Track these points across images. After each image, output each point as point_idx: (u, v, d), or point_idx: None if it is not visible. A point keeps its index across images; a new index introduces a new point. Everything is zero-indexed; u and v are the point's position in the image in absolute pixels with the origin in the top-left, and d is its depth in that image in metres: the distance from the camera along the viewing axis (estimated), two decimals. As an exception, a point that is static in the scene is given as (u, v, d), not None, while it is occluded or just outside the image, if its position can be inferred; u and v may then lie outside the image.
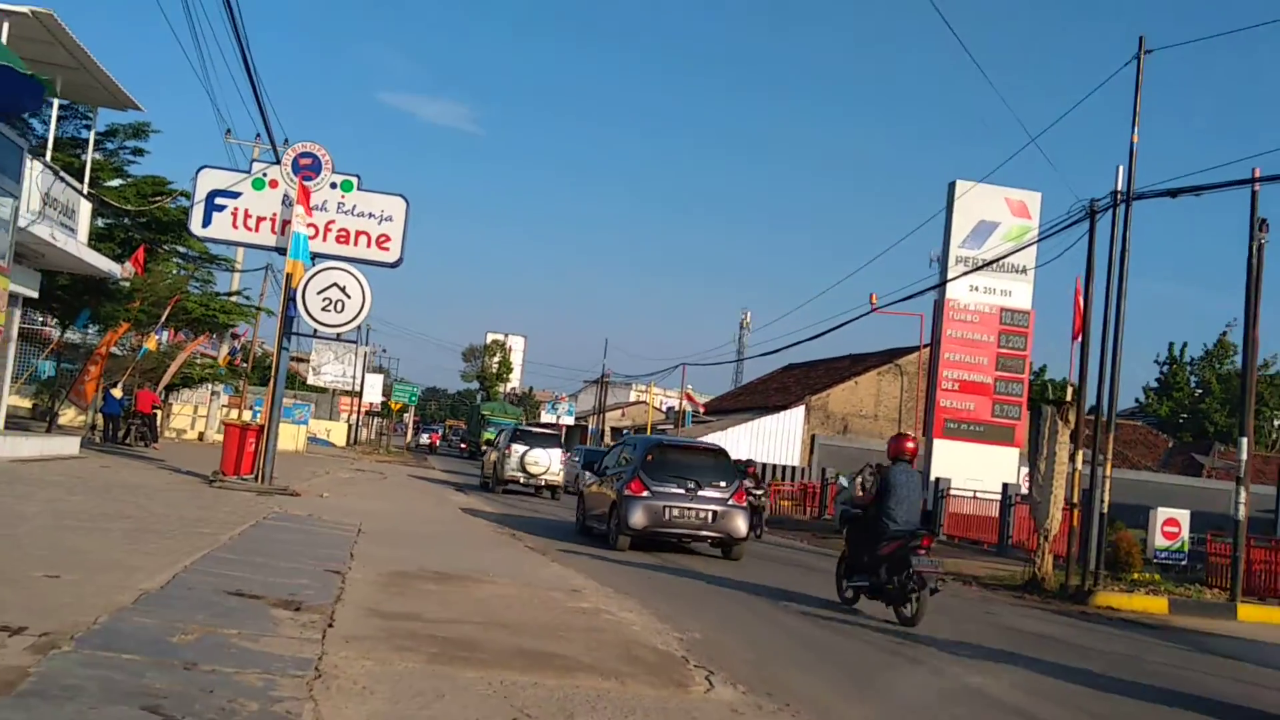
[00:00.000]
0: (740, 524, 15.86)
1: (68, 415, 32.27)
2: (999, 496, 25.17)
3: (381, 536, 12.87)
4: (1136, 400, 73.41)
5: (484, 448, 45.92)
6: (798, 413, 48.35)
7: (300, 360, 70.81)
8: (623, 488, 15.57)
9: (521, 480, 28.10)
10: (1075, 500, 18.17)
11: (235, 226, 18.31)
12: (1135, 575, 18.87)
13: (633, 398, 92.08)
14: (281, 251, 18.21)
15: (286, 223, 18.09)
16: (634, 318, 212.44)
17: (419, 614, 7.61)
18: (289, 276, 17.85)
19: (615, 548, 15.42)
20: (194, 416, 41.53)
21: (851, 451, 47.13)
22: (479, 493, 27.38)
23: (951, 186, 27.46)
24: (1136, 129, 17.40)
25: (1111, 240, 17.42)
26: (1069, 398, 18.14)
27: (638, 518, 15.27)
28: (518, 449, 28.17)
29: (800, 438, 47.83)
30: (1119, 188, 17.36)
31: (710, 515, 15.57)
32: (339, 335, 18.47)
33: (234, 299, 36.14)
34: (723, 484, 15.90)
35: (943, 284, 26.91)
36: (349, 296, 17.79)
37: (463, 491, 26.73)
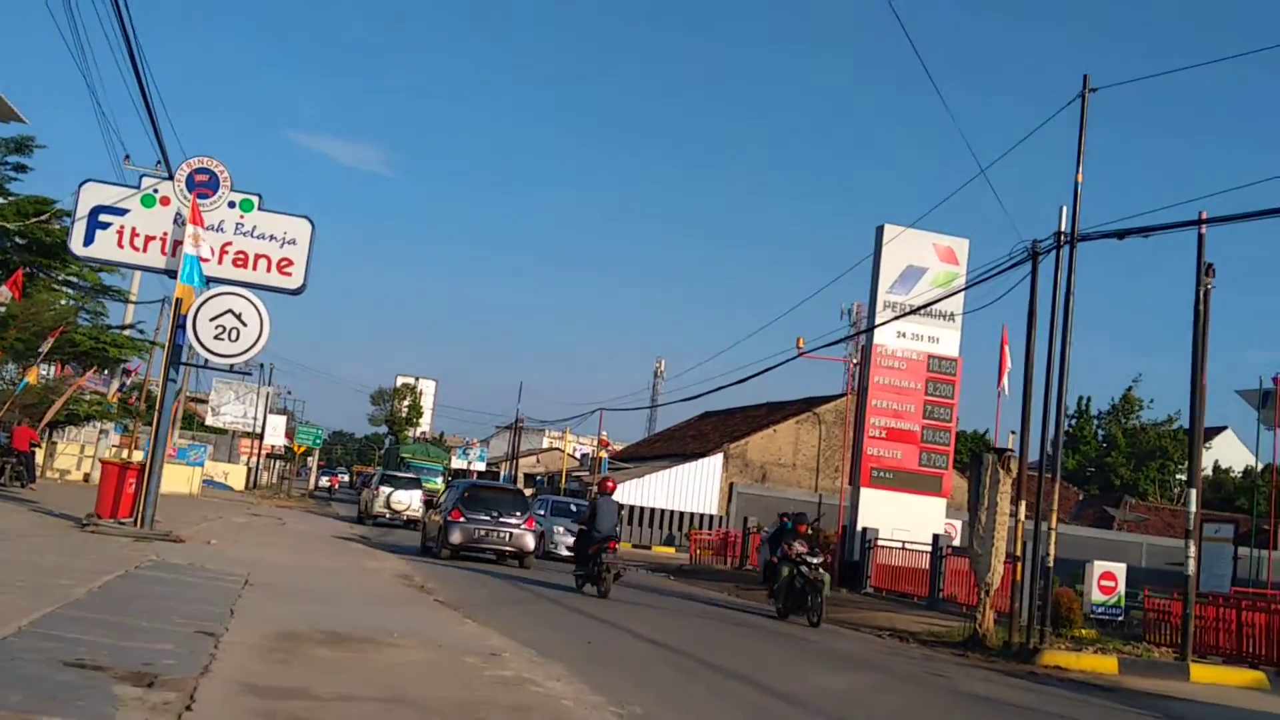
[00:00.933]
0: (529, 542, 21.56)
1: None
2: (929, 547, 24.37)
3: (271, 589, 11.41)
4: (1046, 453, 73.80)
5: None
6: (715, 460, 47.42)
7: (199, 400, 68.01)
8: (446, 515, 21.53)
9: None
10: (1018, 553, 17.39)
11: (121, 246, 16.73)
12: (1077, 632, 18.10)
13: (545, 444, 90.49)
14: (172, 275, 16.65)
15: (178, 244, 16.56)
16: (547, 364, 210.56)
17: (305, 689, 6.27)
18: (178, 302, 16.31)
19: (438, 558, 21.00)
20: (80, 456, 39.07)
21: (770, 500, 46.25)
22: (384, 546, 25.73)
23: (880, 230, 26.88)
24: (1081, 169, 16.85)
25: (1055, 283, 16.75)
26: (1010, 445, 17.42)
27: (455, 536, 21.07)
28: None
29: (719, 485, 46.85)
30: (1062, 228, 16.76)
31: (509, 535, 21.36)
32: (232, 367, 16.92)
33: (127, 332, 34.09)
34: (518, 514, 21.82)
35: (870, 329, 26.25)
36: (245, 325, 16.32)
37: (366, 542, 25.08)
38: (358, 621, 9.67)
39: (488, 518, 21.24)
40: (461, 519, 21.12)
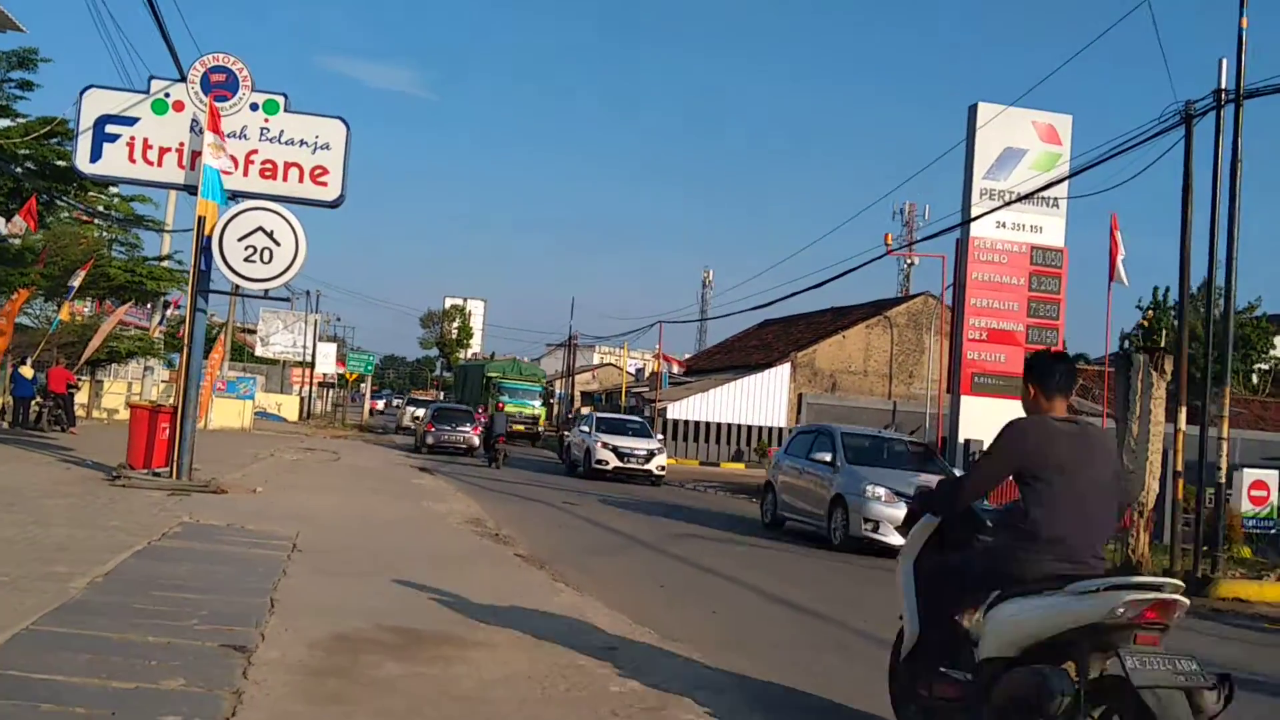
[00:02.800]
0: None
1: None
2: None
3: (323, 556, 9.48)
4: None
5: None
6: (783, 370, 45.11)
7: (249, 331, 66.75)
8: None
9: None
10: (1179, 467, 15.20)
11: (132, 160, 14.65)
12: (1237, 551, 15.95)
13: (596, 359, 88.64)
14: (192, 190, 14.60)
15: (196, 154, 14.49)
16: (595, 281, 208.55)
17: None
18: (201, 221, 14.27)
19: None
20: (126, 395, 37.67)
21: (841, 410, 44.00)
22: (447, 477, 23.93)
23: (973, 110, 24.15)
24: (1245, 11, 14.20)
25: (1217, 149, 14.24)
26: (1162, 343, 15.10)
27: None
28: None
29: (786, 396, 44.66)
30: (1223, 84, 14.17)
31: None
32: (267, 292, 14.94)
33: (164, 264, 32.25)
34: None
35: (966, 222, 23.67)
36: (278, 244, 14.25)
37: (427, 475, 23.28)
38: (431, 604, 7.68)
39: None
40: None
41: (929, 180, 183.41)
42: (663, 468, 26.63)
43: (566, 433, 33.30)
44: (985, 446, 4.52)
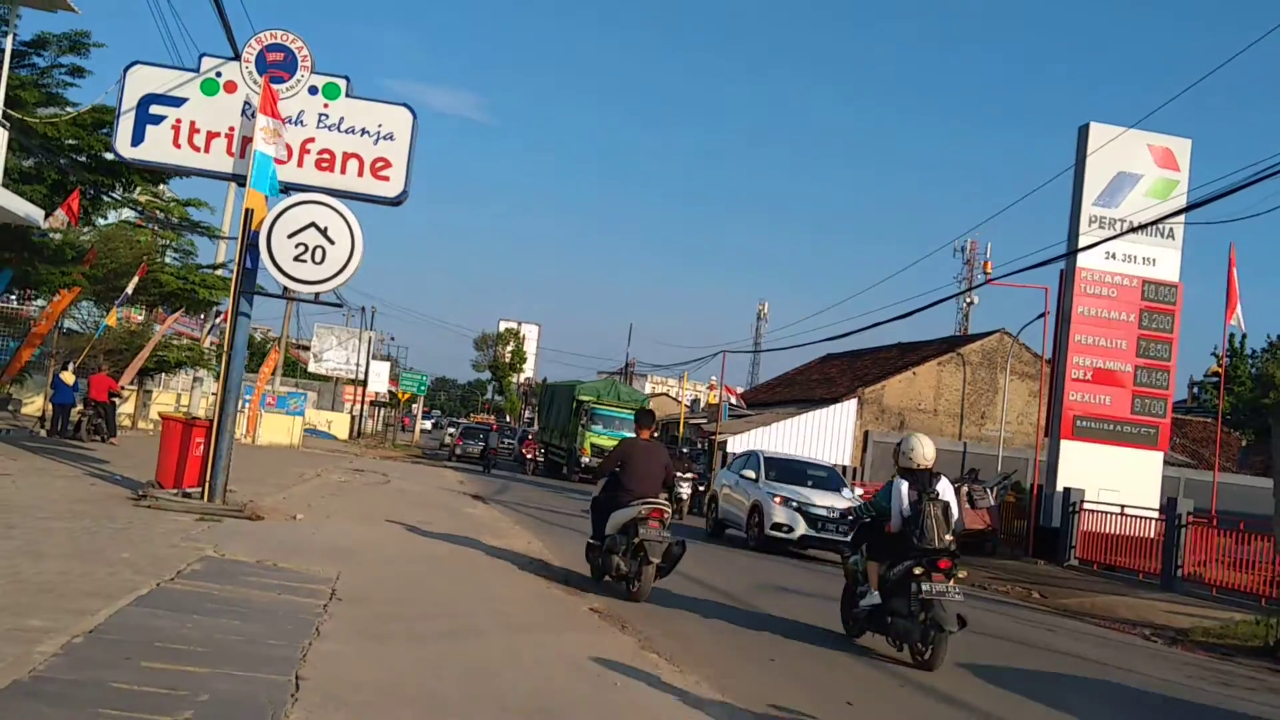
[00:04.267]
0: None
1: (35, 403, 27.48)
2: (1155, 512, 20.15)
3: (367, 608, 7.85)
4: (1194, 396, 68.65)
5: (586, 459, 36.06)
6: (849, 406, 43.11)
7: (303, 348, 65.98)
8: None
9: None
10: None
11: (178, 144, 13.22)
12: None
13: (648, 388, 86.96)
14: (240, 180, 13.16)
15: (248, 140, 13.06)
16: (647, 309, 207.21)
17: None
18: (248, 214, 12.80)
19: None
20: (176, 405, 36.58)
21: (910, 450, 42.05)
22: (503, 507, 22.28)
23: (1083, 132, 22.34)
24: None
25: None
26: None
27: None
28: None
29: (852, 433, 42.67)
30: None
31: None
32: (318, 296, 13.38)
33: (218, 272, 31.12)
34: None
35: (1073, 251, 21.78)
36: (332, 242, 12.75)
37: (481, 503, 21.69)
38: (508, 699, 6.02)
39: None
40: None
41: (999, 218, 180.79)
42: None
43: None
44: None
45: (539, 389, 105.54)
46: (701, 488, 25.00)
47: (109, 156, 19.25)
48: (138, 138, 13.23)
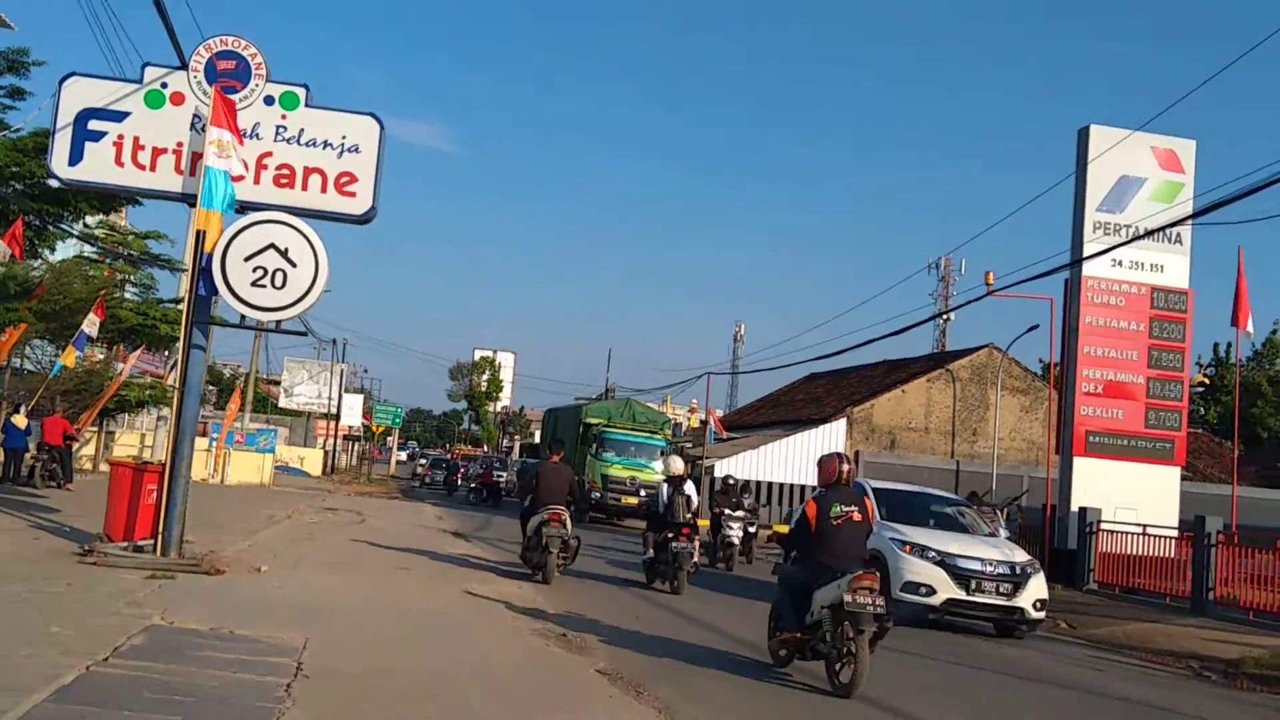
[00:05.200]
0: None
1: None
2: (1174, 531, 19.12)
3: (338, 690, 6.62)
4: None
5: (596, 494, 29.61)
6: (838, 426, 42.04)
7: (273, 382, 64.42)
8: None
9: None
10: None
11: (120, 163, 12.02)
12: None
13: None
14: (191, 201, 11.94)
15: (198, 156, 11.86)
16: (624, 334, 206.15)
17: None
18: (200, 236, 11.59)
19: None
20: (140, 446, 35.06)
21: (901, 469, 40.87)
22: (484, 543, 20.98)
23: (1083, 135, 21.44)
24: None
25: None
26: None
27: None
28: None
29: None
30: None
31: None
32: (279, 324, 12.19)
33: (180, 306, 29.71)
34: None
35: (1078, 261, 20.78)
36: (294, 264, 11.55)
37: (462, 540, 20.40)
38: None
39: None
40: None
41: (968, 234, 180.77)
42: (1043, 601, 13.53)
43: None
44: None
45: (516, 418, 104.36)
46: (752, 528, 20.06)
47: (55, 183, 17.95)
48: (76, 156, 12.02)
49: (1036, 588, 13.24)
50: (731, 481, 20.36)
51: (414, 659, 8.02)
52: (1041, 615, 13.54)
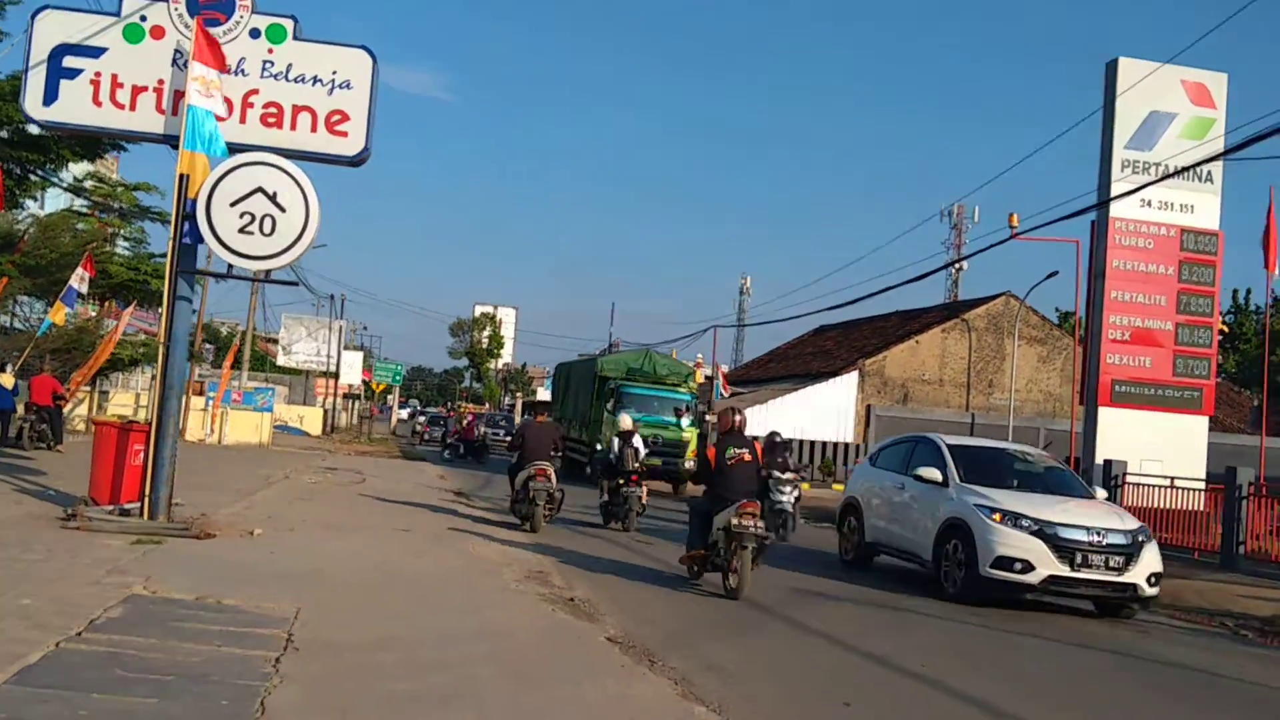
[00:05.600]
0: None
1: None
2: (1200, 484, 18.50)
3: (333, 662, 6.01)
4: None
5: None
6: (849, 380, 41.28)
7: (271, 340, 63.70)
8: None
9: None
10: None
11: (97, 102, 11.20)
12: None
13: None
14: (174, 143, 11.16)
15: (180, 95, 11.07)
16: (627, 288, 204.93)
17: None
18: (183, 179, 10.84)
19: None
20: (135, 406, 34.41)
21: (915, 423, 40.18)
22: (490, 504, 20.37)
23: (1112, 68, 20.51)
24: None
25: None
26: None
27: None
28: None
29: (854, 408, 40.82)
30: None
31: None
32: (269, 273, 11.46)
33: (173, 260, 28.91)
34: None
35: (1105, 201, 19.97)
36: (283, 209, 10.79)
37: (464, 502, 19.79)
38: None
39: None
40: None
41: (981, 182, 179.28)
42: (1158, 576, 11.62)
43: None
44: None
45: (519, 375, 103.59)
46: (796, 493, 17.57)
47: (35, 130, 17.18)
48: (50, 96, 11.20)
49: (1150, 560, 11.39)
50: (778, 439, 17.83)
51: (415, 627, 7.39)
52: (1156, 591, 11.63)
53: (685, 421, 27.62)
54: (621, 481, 16.16)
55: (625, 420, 17.40)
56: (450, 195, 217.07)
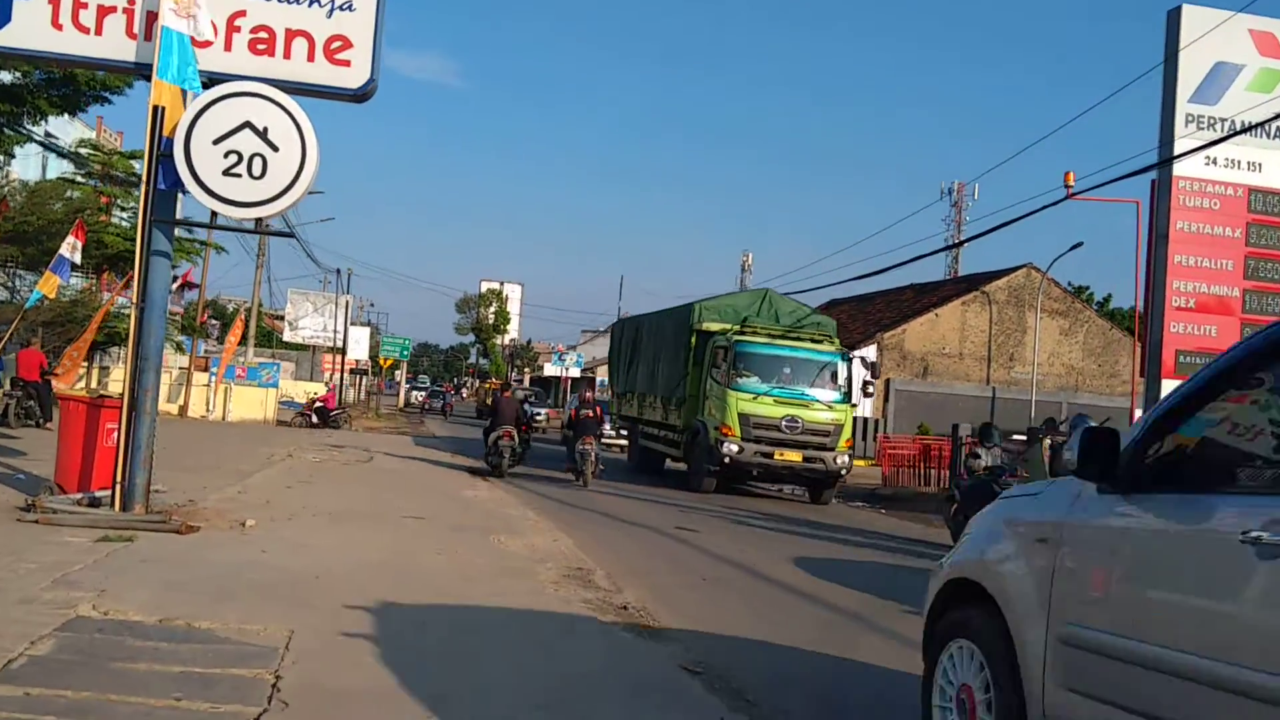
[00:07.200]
0: None
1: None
2: None
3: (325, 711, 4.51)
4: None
5: (732, 444, 18.57)
6: (866, 353, 39.74)
7: (277, 317, 62.19)
8: None
9: None
10: None
11: (57, 25, 9.63)
12: None
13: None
14: (145, 72, 9.62)
15: (153, 16, 9.53)
16: (633, 264, 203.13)
17: None
18: (157, 113, 9.32)
19: None
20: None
21: (935, 397, 38.90)
22: (506, 482, 18.92)
23: (1174, 17, 18.81)
24: None
25: None
26: None
27: None
28: None
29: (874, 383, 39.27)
30: None
31: None
32: (259, 222, 9.92)
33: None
34: None
35: (1168, 160, 18.34)
36: (275, 148, 9.26)
37: (478, 477, 18.35)
38: None
39: None
40: None
41: (987, 158, 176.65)
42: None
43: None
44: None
45: (525, 351, 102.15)
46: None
47: (5, 78, 15.60)
48: (3, 16, 9.63)
49: None
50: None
51: (440, 655, 5.88)
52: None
53: (834, 396, 19.58)
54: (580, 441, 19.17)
55: (585, 393, 17.93)
56: (457, 172, 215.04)
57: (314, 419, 32.86)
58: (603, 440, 21.19)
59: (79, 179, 25.57)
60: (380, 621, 6.35)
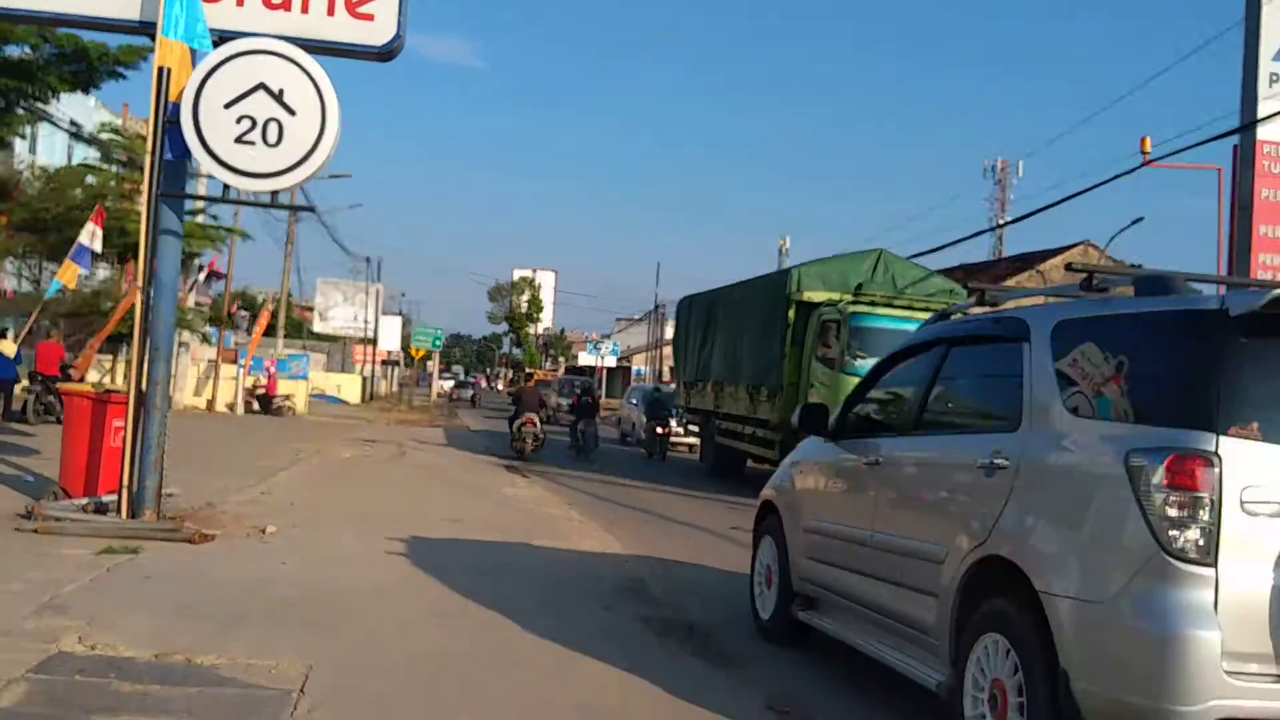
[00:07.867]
0: None
1: None
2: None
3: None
4: None
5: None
6: (919, 335, 38.71)
7: (307, 308, 61.57)
8: None
9: None
10: None
11: (50, -21, 8.79)
12: None
13: (670, 335, 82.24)
14: (150, 32, 8.68)
15: (157, -32, 8.59)
16: (668, 252, 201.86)
17: None
18: (163, 75, 8.38)
19: None
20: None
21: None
22: (543, 478, 17.94)
23: (1256, -35, 17.61)
24: None
25: None
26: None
27: None
28: None
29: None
30: None
31: None
32: (274, 196, 8.96)
33: (197, 219, 26.68)
34: None
35: (1252, 124, 17.11)
36: (292, 112, 8.31)
37: (518, 475, 17.40)
38: None
39: None
40: None
41: (1024, 138, 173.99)
42: None
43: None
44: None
45: (558, 341, 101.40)
46: None
47: (13, 52, 14.72)
48: (-4, -26, 8.76)
49: None
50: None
51: (487, 709, 4.88)
52: None
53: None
54: (580, 422, 22.93)
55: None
56: (486, 161, 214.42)
57: (255, 406, 31.60)
58: (670, 438, 23.80)
59: (100, 165, 24.82)
60: (406, 644, 5.37)
